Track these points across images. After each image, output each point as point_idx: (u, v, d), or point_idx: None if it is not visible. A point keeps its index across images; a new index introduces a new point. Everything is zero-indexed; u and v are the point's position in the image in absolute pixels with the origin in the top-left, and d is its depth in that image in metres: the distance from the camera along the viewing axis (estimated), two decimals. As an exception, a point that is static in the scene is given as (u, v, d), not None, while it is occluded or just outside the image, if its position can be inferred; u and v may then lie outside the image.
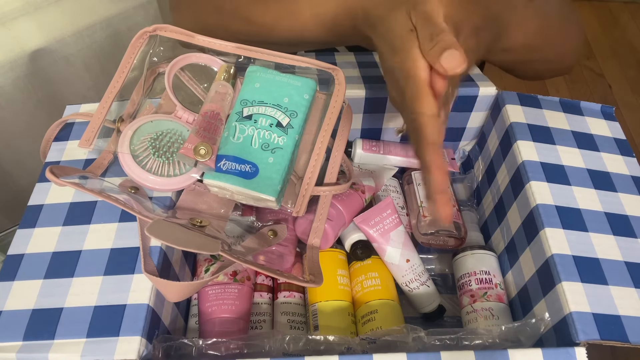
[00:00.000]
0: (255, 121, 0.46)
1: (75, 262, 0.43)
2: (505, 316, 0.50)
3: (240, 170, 0.44)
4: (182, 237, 0.41)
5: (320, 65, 0.48)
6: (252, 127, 0.46)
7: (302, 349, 0.43)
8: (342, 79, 0.48)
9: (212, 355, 0.43)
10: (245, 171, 0.44)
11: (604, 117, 0.56)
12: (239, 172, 0.44)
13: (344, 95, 0.48)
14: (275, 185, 0.44)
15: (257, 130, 0.45)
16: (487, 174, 0.60)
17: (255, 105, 0.47)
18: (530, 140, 0.52)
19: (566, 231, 0.45)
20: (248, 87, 0.48)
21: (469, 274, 0.53)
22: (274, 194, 0.44)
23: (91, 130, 0.48)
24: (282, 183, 0.44)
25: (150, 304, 0.41)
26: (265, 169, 0.44)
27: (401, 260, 0.54)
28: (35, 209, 0.47)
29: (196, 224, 0.45)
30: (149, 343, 0.40)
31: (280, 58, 0.48)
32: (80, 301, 0.41)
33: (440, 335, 0.43)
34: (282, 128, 0.46)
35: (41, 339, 0.39)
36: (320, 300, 0.51)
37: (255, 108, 0.47)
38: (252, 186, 0.44)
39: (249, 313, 0.51)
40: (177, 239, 0.40)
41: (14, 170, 0.92)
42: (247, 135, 0.45)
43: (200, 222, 0.45)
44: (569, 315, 0.40)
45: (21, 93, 0.85)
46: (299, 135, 0.47)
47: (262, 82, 0.48)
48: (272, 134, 0.45)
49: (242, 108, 0.47)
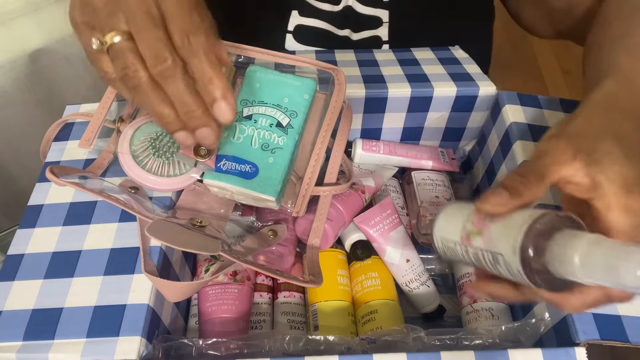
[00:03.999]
0: (255, 121, 0.46)
1: (75, 262, 0.43)
2: (505, 316, 0.50)
3: (240, 171, 0.44)
4: (182, 238, 0.41)
5: (321, 65, 0.48)
6: (252, 127, 0.46)
7: (302, 349, 0.43)
8: (343, 79, 0.48)
9: (212, 355, 0.43)
10: (245, 171, 0.44)
11: (604, 117, 0.56)
12: (239, 172, 0.44)
13: (344, 96, 0.48)
14: (276, 185, 0.44)
15: (257, 130, 0.46)
16: (487, 174, 0.60)
17: (256, 105, 0.47)
18: (530, 140, 0.52)
19: (566, 231, 0.45)
20: (248, 87, 0.48)
21: (469, 274, 0.53)
22: (274, 194, 0.44)
23: (91, 130, 0.48)
24: (282, 183, 0.44)
25: (150, 304, 0.41)
26: (266, 169, 0.44)
27: (401, 260, 0.54)
28: (35, 209, 0.47)
29: (196, 224, 0.45)
30: (149, 343, 0.40)
31: (280, 58, 0.48)
32: (80, 301, 0.41)
33: (440, 335, 0.43)
34: (282, 128, 0.46)
35: (41, 339, 0.39)
36: (320, 300, 0.51)
37: (256, 108, 0.47)
38: (252, 186, 0.44)
39: (249, 313, 0.51)
40: (177, 239, 0.40)
41: (14, 170, 0.93)
42: (247, 136, 0.45)
43: (200, 222, 0.45)
44: (569, 315, 0.40)
45: (21, 93, 0.85)
46: (299, 136, 0.46)
47: (262, 82, 0.48)
48: (272, 134, 0.45)
49: (242, 108, 0.47)
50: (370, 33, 0.68)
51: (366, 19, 0.68)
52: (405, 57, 0.63)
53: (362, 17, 0.67)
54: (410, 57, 0.63)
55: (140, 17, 0.33)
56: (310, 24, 0.68)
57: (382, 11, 0.67)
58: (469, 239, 0.35)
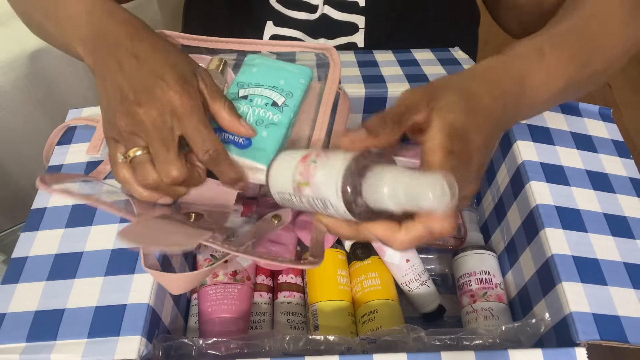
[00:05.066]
0: (250, 100, 0.46)
1: (77, 264, 0.44)
2: (505, 316, 0.50)
3: (234, 141, 0.44)
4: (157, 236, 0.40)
5: (313, 47, 0.49)
6: (248, 105, 0.46)
7: (302, 349, 0.43)
8: (337, 58, 0.48)
9: (212, 355, 0.43)
10: (239, 142, 0.44)
11: (601, 119, 0.56)
12: (232, 142, 0.44)
13: (339, 75, 0.48)
14: (268, 155, 0.44)
15: (252, 108, 0.46)
16: (487, 174, 0.60)
17: (252, 87, 0.47)
18: (530, 140, 0.52)
19: (566, 231, 0.45)
20: (245, 71, 0.49)
21: (469, 274, 0.53)
22: (266, 162, 0.43)
23: (97, 137, 0.50)
24: (275, 154, 0.45)
25: (150, 303, 0.41)
26: (259, 141, 0.45)
27: (401, 260, 0.54)
28: (38, 212, 0.48)
29: (190, 217, 0.45)
30: (149, 343, 0.40)
31: (272, 46, 0.49)
32: (81, 302, 0.41)
33: (440, 335, 0.43)
34: (277, 107, 0.46)
35: (44, 340, 0.39)
36: (320, 300, 0.51)
37: (252, 90, 0.47)
38: (244, 154, 0.44)
39: (249, 313, 0.51)
40: (154, 239, 0.40)
41: (13, 170, 0.92)
42: (242, 112, 0.46)
43: (194, 217, 0.45)
44: (569, 315, 0.40)
45: (21, 93, 0.85)
46: (293, 114, 0.47)
47: (260, 67, 0.49)
48: (267, 111, 0.46)
49: (238, 89, 0.47)
50: (346, 40, 0.69)
51: (342, 26, 0.68)
52: (405, 58, 0.63)
53: (338, 24, 0.68)
54: (410, 57, 0.63)
55: (156, 145, 0.39)
56: (285, 34, 0.69)
57: (358, 17, 0.68)
58: (300, 190, 0.37)
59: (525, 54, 0.44)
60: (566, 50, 0.45)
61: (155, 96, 0.39)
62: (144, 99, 0.39)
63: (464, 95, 0.38)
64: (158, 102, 0.39)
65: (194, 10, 0.80)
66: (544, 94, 0.45)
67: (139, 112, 0.39)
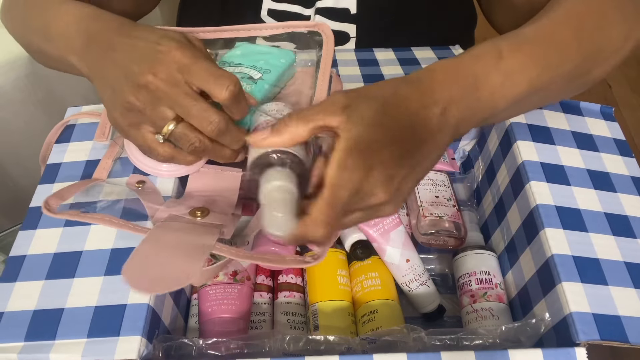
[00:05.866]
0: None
1: (77, 263, 0.43)
2: (505, 316, 0.50)
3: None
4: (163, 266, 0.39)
5: (304, 26, 0.51)
6: None
7: (302, 349, 0.43)
8: (329, 32, 0.50)
9: (212, 355, 0.43)
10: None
11: (603, 118, 0.56)
12: None
13: (333, 48, 0.50)
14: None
15: None
16: (487, 174, 0.60)
17: (233, 66, 0.50)
18: (530, 140, 0.52)
19: (566, 231, 0.45)
20: (231, 54, 0.52)
21: (469, 274, 0.53)
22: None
23: (104, 125, 0.51)
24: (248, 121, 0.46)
25: (150, 303, 0.41)
26: None
27: (401, 260, 0.54)
28: (36, 210, 0.47)
29: (197, 215, 0.45)
30: (149, 343, 0.40)
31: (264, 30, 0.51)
32: (81, 301, 0.41)
33: (440, 335, 0.43)
34: (252, 80, 0.49)
35: (42, 339, 0.39)
36: (320, 300, 0.51)
37: (232, 68, 0.50)
38: None
39: (249, 313, 0.51)
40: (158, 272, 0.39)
41: (13, 170, 0.92)
42: None
43: (200, 214, 0.45)
44: (569, 315, 0.40)
45: (21, 93, 0.85)
46: (269, 85, 0.49)
47: (244, 49, 0.52)
48: (243, 83, 0.47)
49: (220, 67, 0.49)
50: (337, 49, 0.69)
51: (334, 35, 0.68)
52: (405, 57, 0.63)
53: None
54: (411, 56, 0.63)
55: (182, 102, 0.39)
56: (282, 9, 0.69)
57: (350, 26, 0.68)
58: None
59: (481, 55, 0.43)
60: (527, 52, 0.43)
61: (158, 60, 0.40)
62: (149, 65, 0.39)
63: (382, 107, 0.37)
64: (164, 63, 0.39)
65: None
66: (505, 97, 0.43)
67: (150, 80, 0.39)
